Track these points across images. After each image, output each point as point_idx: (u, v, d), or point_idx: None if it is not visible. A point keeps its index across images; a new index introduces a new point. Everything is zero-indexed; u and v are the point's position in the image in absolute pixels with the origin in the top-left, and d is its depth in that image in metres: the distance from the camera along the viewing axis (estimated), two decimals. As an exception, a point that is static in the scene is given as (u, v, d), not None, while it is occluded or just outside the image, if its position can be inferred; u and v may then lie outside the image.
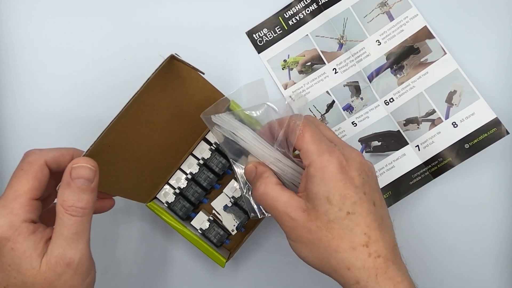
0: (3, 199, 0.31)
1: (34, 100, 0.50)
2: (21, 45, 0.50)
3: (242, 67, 0.49)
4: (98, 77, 0.49)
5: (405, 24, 0.48)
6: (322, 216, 0.32)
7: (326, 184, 0.32)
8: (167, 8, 0.50)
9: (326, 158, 0.33)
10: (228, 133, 0.37)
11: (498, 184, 0.47)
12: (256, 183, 0.35)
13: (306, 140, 0.34)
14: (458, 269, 0.47)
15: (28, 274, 0.30)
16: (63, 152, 0.34)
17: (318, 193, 0.32)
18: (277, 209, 0.34)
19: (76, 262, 0.31)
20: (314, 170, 0.33)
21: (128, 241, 0.49)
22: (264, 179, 0.35)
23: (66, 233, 0.31)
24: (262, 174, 0.35)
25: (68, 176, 0.31)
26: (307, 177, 0.33)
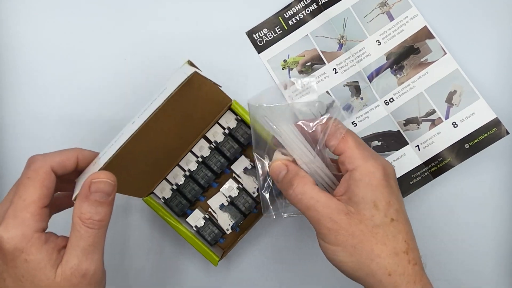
0: (12, 209, 0.31)
1: (34, 100, 0.50)
2: (21, 45, 0.50)
3: (242, 67, 0.49)
4: (98, 77, 0.50)
5: (405, 24, 0.48)
6: (367, 220, 0.32)
7: (373, 189, 0.33)
8: (167, 8, 0.50)
9: (372, 164, 0.33)
10: (268, 125, 0.35)
11: (498, 184, 0.47)
12: (293, 182, 0.35)
13: (349, 144, 0.34)
14: (459, 269, 0.47)
15: (42, 285, 0.30)
16: (68, 156, 0.34)
17: (365, 198, 0.33)
18: (316, 210, 0.33)
19: (91, 273, 0.31)
20: (361, 175, 0.33)
21: (123, 233, 0.49)
22: (302, 178, 0.35)
23: (82, 244, 0.31)
24: (297, 172, 0.35)
25: (87, 190, 0.31)
26: (350, 181, 0.33)
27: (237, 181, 0.46)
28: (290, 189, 0.34)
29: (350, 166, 0.34)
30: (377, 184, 0.33)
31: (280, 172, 0.36)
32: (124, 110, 0.49)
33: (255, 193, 0.45)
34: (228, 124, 0.45)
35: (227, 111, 0.45)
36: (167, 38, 0.50)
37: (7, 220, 0.31)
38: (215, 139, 0.45)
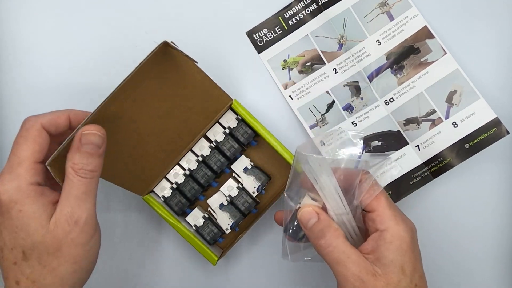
0: (7, 166, 0.33)
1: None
2: (20, 43, 0.50)
3: (242, 67, 0.49)
4: (94, 68, 0.50)
5: (405, 24, 0.48)
6: (394, 284, 0.33)
7: (403, 254, 0.33)
8: (167, 8, 0.50)
9: (403, 228, 0.34)
10: (309, 173, 0.36)
11: (498, 184, 0.47)
12: (326, 233, 0.35)
13: (382, 203, 0.35)
14: (459, 269, 0.47)
15: (36, 234, 0.32)
16: (59, 114, 0.35)
17: (394, 261, 0.33)
18: (346, 266, 0.33)
19: (83, 220, 0.33)
20: (392, 238, 0.34)
21: (123, 231, 0.49)
22: (335, 231, 0.35)
23: (75, 193, 0.32)
24: (330, 224, 0.35)
25: (78, 142, 0.33)
26: (379, 241, 0.34)
27: (237, 180, 0.46)
28: (322, 240, 0.35)
29: (381, 226, 0.34)
30: (406, 249, 0.34)
31: (311, 219, 0.36)
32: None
33: (255, 193, 0.45)
34: (229, 123, 0.45)
35: (227, 111, 0.45)
36: (167, 38, 0.50)
37: (3, 176, 0.32)
38: (216, 138, 0.45)
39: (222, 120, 0.46)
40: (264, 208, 0.46)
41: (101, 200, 0.44)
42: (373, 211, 0.35)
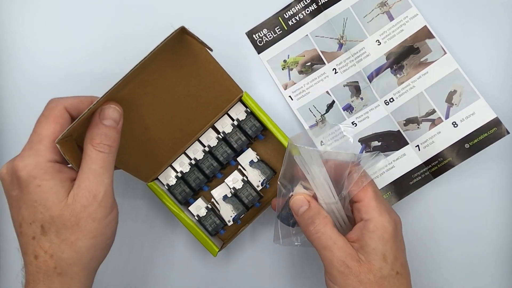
0: (28, 143, 0.33)
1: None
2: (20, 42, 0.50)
3: (242, 68, 0.49)
4: (97, 63, 0.50)
5: (405, 24, 0.48)
6: (376, 271, 0.35)
7: (384, 243, 0.35)
8: (166, 9, 0.50)
9: (387, 218, 0.36)
10: (301, 164, 0.38)
11: (498, 183, 0.47)
12: (315, 220, 0.36)
13: (368, 194, 0.37)
14: (459, 269, 0.47)
15: (54, 208, 0.32)
16: (82, 99, 0.36)
17: (376, 250, 0.35)
18: (332, 251, 0.35)
19: (101, 195, 0.33)
20: (375, 227, 0.35)
21: (126, 217, 0.49)
22: (324, 218, 0.37)
23: (93, 167, 0.33)
24: (319, 211, 0.37)
25: (97, 117, 0.34)
26: (364, 230, 0.36)
27: (242, 173, 0.46)
28: (311, 226, 0.36)
29: (366, 216, 0.36)
30: (388, 238, 0.35)
31: (302, 206, 0.37)
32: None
33: (259, 187, 0.45)
34: (238, 115, 0.45)
35: (237, 103, 0.45)
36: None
37: (23, 152, 0.33)
38: (223, 130, 0.45)
39: (231, 112, 0.46)
40: (267, 203, 0.46)
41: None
42: (360, 201, 0.37)
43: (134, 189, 0.49)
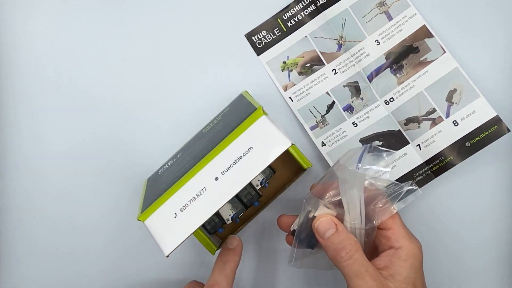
0: None
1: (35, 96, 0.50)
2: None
3: (241, 70, 0.49)
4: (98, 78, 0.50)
5: (404, 24, 0.48)
6: None
7: (415, 271, 0.35)
8: (166, 11, 0.50)
9: (417, 246, 0.36)
10: (343, 182, 0.37)
11: (500, 181, 0.47)
12: (346, 246, 0.35)
13: (397, 222, 0.37)
14: (460, 267, 0.47)
15: None
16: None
17: (407, 278, 0.35)
18: (364, 280, 0.34)
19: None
20: (407, 256, 0.36)
21: (122, 215, 0.49)
22: (356, 244, 0.36)
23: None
24: (349, 236, 0.36)
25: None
26: (393, 258, 0.36)
27: None
28: (342, 252, 0.35)
29: (396, 244, 0.36)
30: (418, 267, 0.36)
31: (329, 229, 0.36)
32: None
33: (258, 186, 0.45)
34: None
35: None
36: (167, 41, 0.50)
37: None
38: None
39: None
40: (266, 202, 0.46)
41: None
42: (388, 229, 0.37)
43: (129, 181, 0.49)
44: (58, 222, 0.49)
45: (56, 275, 0.49)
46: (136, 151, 0.49)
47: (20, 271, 0.50)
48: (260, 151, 0.35)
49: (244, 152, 0.35)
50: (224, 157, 0.35)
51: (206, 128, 0.45)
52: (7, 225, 0.49)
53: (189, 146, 0.45)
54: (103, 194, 0.49)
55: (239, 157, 0.35)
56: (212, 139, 0.39)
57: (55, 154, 0.50)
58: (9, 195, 0.50)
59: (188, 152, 0.42)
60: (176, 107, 0.49)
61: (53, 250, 0.50)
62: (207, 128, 0.45)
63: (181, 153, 0.45)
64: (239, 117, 0.37)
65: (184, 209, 0.35)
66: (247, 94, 0.45)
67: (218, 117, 0.45)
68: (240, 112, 0.39)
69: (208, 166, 0.35)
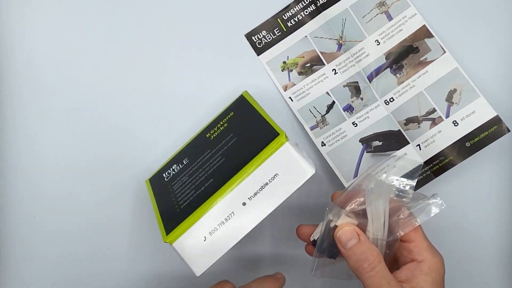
0: None
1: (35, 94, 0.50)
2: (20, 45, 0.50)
3: (241, 70, 0.49)
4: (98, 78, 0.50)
5: (404, 24, 0.48)
6: None
7: (437, 285, 0.35)
8: (166, 10, 0.50)
9: (440, 260, 0.36)
10: (370, 192, 0.37)
11: (499, 181, 0.47)
12: (369, 257, 0.35)
13: (420, 234, 0.37)
14: (460, 267, 0.47)
15: None
16: None
17: None
18: None
19: None
20: (429, 270, 0.35)
21: (120, 215, 0.49)
22: (378, 255, 0.35)
23: None
24: (371, 247, 0.35)
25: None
26: (416, 271, 0.35)
27: None
28: (365, 263, 0.35)
29: (419, 257, 0.36)
30: (440, 281, 0.35)
31: (351, 239, 0.35)
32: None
33: None
34: None
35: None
36: (166, 42, 0.50)
37: None
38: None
39: None
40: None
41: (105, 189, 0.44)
42: (411, 242, 0.36)
43: (133, 188, 0.49)
44: (58, 223, 0.49)
45: (56, 276, 0.49)
46: (136, 151, 0.49)
47: (20, 272, 0.49)
48: (285, 178, 0.37)
49: (270, 178, 0.37)
50: (250, 183, 0.37)
51: (210, 133, 0.44)
52: (7, 225, 0.49)
53: (196, 153, 0.43)
54: (103, 194, 0.49)
55: (265, 183, 0.36)
56: (230, 158, 0.39)
57: (54, 154, 0.50)
58: (9, 195, 0.50)
59: (200, 164, 0.42)
60: (175, 106, 0.49)
61: (52, 251, 0.50)
62: (212, 133, 0.44)
63: (187, 159, 0.44)
64: (259, 140, 0.38)
65: (213, 233, 0.37)
66: (248, 96, 0.44)
67: (223, 122, 0.44)
68: (258, 134, 0.39)
69: (235, 191, 0.37)
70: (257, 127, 0.40)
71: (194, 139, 0.46)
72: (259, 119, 0.41)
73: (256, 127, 0.40)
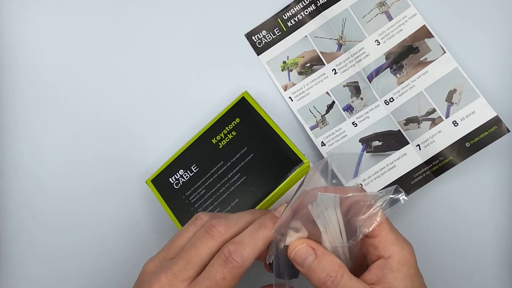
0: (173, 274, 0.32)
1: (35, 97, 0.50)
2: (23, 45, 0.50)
3: (241, 70, 0.49)
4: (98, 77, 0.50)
5: (404, 24, 0.48)
6: None
7: (412, 280, 0.32)
8: (166, 11, 0.50)
9: (409, 251, 0.32)
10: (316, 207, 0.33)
11: (499, 182, 0.47)
12: (331, 273, 0.32)
13: (385, 227, 0.33)
14: (460, 268, 0.47)
15: None
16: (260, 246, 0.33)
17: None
18: None
19: None
20: (399, 265, 0.32)
21: (123, 209, 0.49)
22: (340, 268, 0.32)
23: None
24: (331, 259, 0.32)
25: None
26: (385, 269, 0.32)
27: None
28: (328, 280, 0.31)
29: (386, 253, 0.32)
30: (414, 274, 0.32)
31: (308, 257, 0.32)
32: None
33: None
34: None
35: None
36: (166, 42, 0.50)
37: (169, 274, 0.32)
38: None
39: None
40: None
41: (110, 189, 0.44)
42: (375, 237, 0.33)
43: (133, 187, 0.49)
44: (58, 222, 0.49)
45: (56, 276, 0.49)
46: (136, 151, 0.49)
47: (20, 271, 0.50)
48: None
49: None
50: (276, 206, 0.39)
51: (217, 139, 0.44)
52: (7, 225, 0.49)
53: (206, 162, 0.43)
54: (103, 194, 0.49)
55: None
56: (252, 178, 0.42)
57: (54, 154, 0.50)
58: (8, 195, 0.50)
59: (216, 177, 0.43)
60: (175, 106, 0.49)
61: (53, 251, 0.50)
62: (219, 140, 0.44)
63: (197, 167, 0.44)
64: (282, 164, 0.42)
65: None
66: (249, 97, 0.44)
67: (229, 128, 0.44)
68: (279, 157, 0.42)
69: None
70: (274, 146, 0.42)
71: (197, 141, 0.45)
72: (272, 135, 0.43)
73: (273, 145, 0.42)
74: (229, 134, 0.44)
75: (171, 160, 0.46)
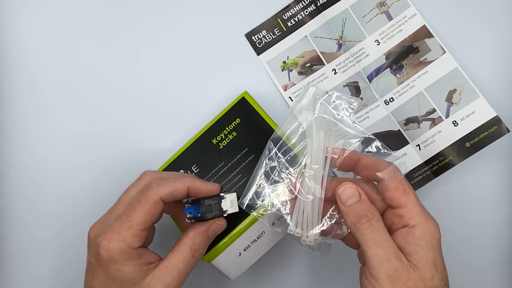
0: (118, 225, 0.35)
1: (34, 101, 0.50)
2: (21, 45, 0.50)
3: (242, 70, 0.49)
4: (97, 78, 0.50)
5: (403, 24, 0.48)
6: (426, 280, 0.32)
7: (434, 250, 0.33)
8: (166, 11, 0.50)
9: (433, 224, 0.34)
10: (309, 126, 0.37)
11: (499, 182, 0.47)
12: (368, 214, 0.34)
13: (412, 199, 0.35)
14: (460, 267, 0.47)
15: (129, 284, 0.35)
16: (179, 187, 0.36)
17: (426, 257, 0.33)
18: (383, 249, 0.33)
19: None
20: (422, 234, 0.33)
21: None
22: (377, 214, 0.35)
23: (181, 268, 0.35)
24: (372, 207, 0.35)
25: (207, 227, 0.37)
26: (408, 237, 0.33)
27: None
28: (363, 218, 0.34)
29: (411, 222, 0.34)
30: (436, 246, 0.34)
31: (352, 197, 0.35)
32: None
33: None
34: None
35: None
36: (166, 42, 0.50)
37: (111, 233, 0.34)
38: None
39: None
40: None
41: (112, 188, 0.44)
42: (402, 207, 0.35)
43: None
44: (58, 222, 0.49)
45: (57, 276, 0.49)
46: (136, 151, 0.49)
47: (20, 271, 0.50)
48: None
49: None
50: None
51: (217, 139, 0.43)
52: (7, 225, 0.49)
53: (205, 161, 0.43)
54: (103, 194, 0.49)
55: None
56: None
57: (54, 154, 0.50)
58: (8, 195, 0.50)
59: (218, 178, 0.43)
60: (175, 106, 0.49)
61: (53, 251, 0.50)
62: (219, 141, 0.43)
63: (197, 167, 0.43)
64: None
65: (247, 249, 0.41)
66: (250, 97, 0.44)
67: (229, 128, 0.44)
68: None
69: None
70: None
71: (197, 141, 0.45)
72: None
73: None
74: (230, 134, 0.44)
75: (171, 161, 0.45)
